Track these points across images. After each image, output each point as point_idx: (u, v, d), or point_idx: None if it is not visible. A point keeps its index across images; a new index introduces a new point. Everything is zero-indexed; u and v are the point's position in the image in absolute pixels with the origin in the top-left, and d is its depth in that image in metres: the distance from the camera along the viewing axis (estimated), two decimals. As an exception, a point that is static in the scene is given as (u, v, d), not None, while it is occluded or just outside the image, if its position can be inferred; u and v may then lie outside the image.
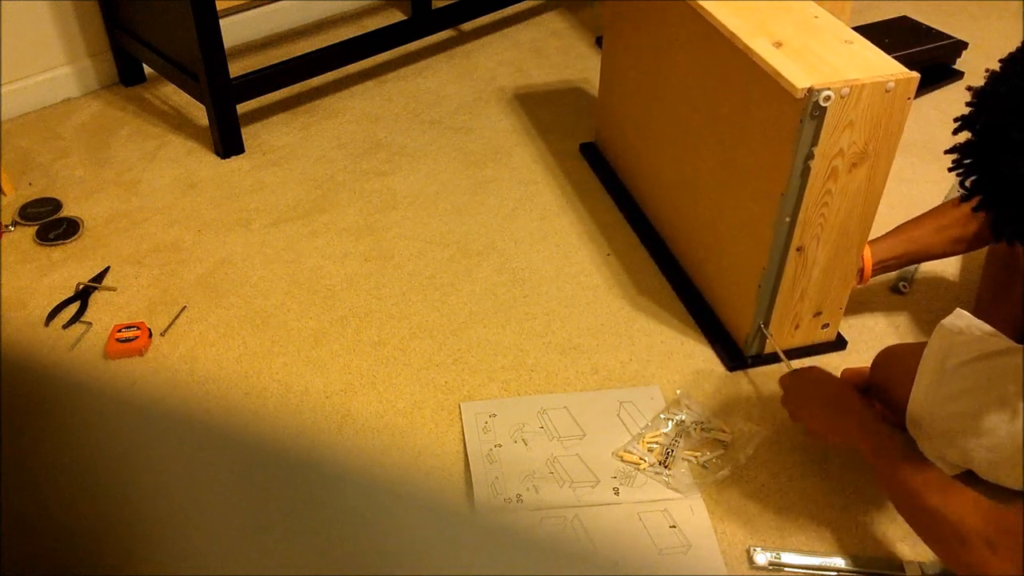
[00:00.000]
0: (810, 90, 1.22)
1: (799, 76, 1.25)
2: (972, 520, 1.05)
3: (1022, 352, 1.17)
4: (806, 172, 1.29)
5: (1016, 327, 1.42)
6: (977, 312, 1.32)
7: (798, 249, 1.38)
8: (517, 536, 0.26)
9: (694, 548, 1.24)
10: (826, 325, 1.53)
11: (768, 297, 1.44)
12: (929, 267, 1.77)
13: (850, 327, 1.62)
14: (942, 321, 1.29)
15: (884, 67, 1.27)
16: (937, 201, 1.96)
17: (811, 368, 1.34)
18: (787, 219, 1.35)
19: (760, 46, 1.33)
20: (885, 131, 1.28)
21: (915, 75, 1.25)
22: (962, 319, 1.27)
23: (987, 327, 1.26)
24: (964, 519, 1.06)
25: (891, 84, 1.24)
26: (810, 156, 1.28)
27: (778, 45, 1.34)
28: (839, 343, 1.57)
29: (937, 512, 1.08)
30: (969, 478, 1.21)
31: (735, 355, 1.54)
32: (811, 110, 1.23)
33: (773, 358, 1.53)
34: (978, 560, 1.04)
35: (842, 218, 1.36)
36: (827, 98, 1.23)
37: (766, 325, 1.47)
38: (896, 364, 1.26)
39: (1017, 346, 1.20)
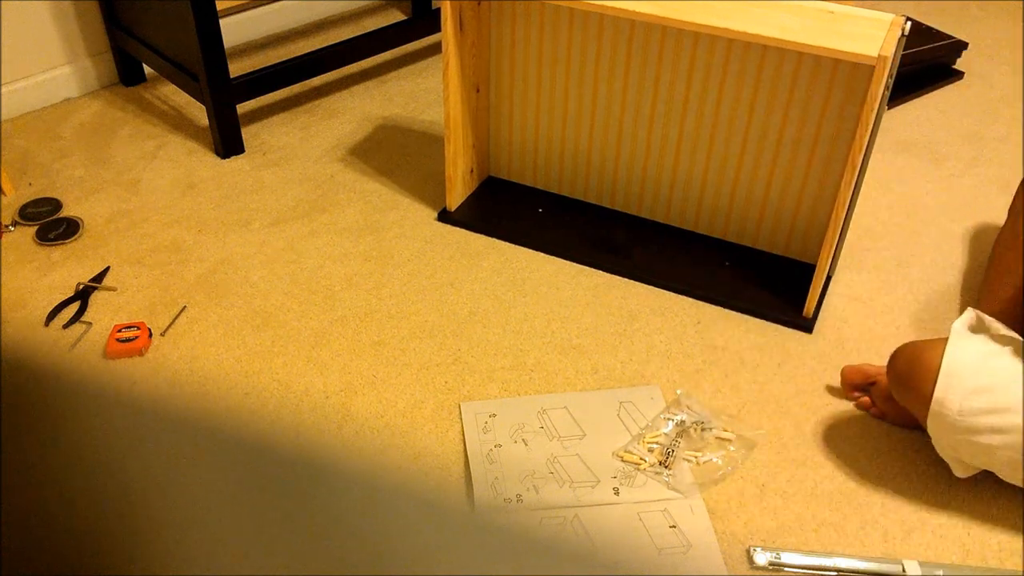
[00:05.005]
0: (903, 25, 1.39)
1: (868, 44, 1.37)
2: None
3: None
4: (885, 97, 1.43)
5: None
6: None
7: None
8: (517, 536, 0.26)
9: (694, 548, 1.24)
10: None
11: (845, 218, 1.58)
12: (924, 265, 1.77)
13: (843, 322, 1.62)
14: (958, 319, 1.29)
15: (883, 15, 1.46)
16: (935, 200, 1.97)
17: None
18: (866, 140, 1.45)
19: (799, 37, 1.38)
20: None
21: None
22: (974, 316, 1.28)
23: (1003, 326, 1.26)
24: None
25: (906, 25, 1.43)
26: (891, 75, 1.43)
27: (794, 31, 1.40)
28: None
29: None
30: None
31: (794, 316, 1.64)
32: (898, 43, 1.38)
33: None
34: None
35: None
36: (904, 32, 1.39)
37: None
38: (917, 360, 1.26)
39: None
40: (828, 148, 1.60)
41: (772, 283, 1.70)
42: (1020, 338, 1.23)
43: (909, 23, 1.39)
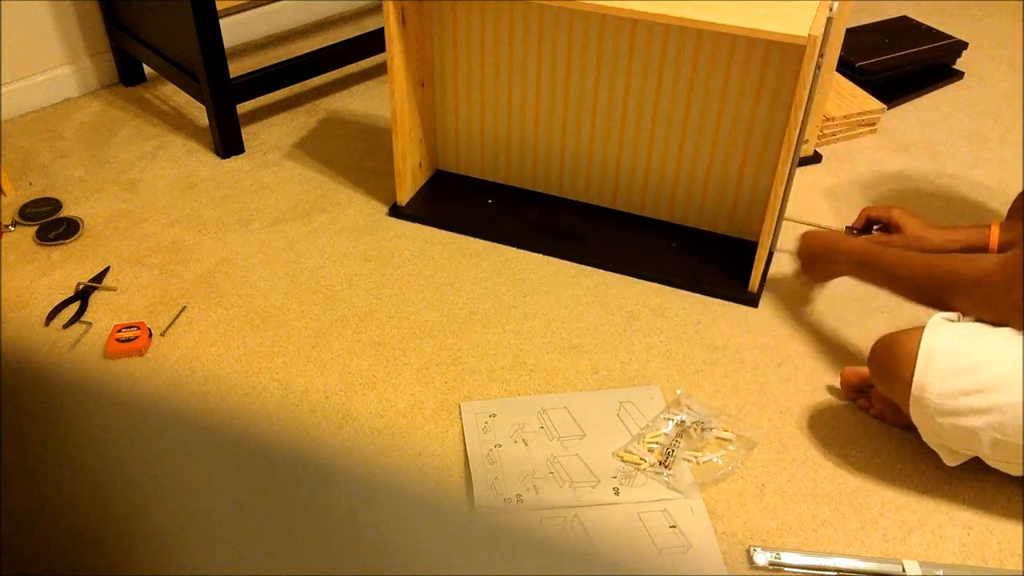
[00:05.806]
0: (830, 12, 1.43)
1: (800, 23, 1.41)
2: (985, 263, 1.25)
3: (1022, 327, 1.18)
4: (817, 76, 1.47)
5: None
6: None
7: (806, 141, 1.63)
8: (517, 536, 0.26)
9: (694, 548, 1.24)
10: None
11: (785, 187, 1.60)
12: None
13: (837, 318, 1.62)
14: (935, 314, 1.29)
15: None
16: (933, 200, 1.97)
17: (805, 232, 1.58)
18: (800, 118, 1.49)
19: (731, 20, 1.42)
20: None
21: None
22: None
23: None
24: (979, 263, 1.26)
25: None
26: (821, 54, 1.45)
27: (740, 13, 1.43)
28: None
29: (954, 265, 1.27)
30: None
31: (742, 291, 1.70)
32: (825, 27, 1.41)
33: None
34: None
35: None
36: (832, 11, 1.43)
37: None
38: (895, 347, 1.26)
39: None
40: (765, 127, 1.65)
41: (718, 261, 1.76)
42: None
43: (836, 4, 1.44)
